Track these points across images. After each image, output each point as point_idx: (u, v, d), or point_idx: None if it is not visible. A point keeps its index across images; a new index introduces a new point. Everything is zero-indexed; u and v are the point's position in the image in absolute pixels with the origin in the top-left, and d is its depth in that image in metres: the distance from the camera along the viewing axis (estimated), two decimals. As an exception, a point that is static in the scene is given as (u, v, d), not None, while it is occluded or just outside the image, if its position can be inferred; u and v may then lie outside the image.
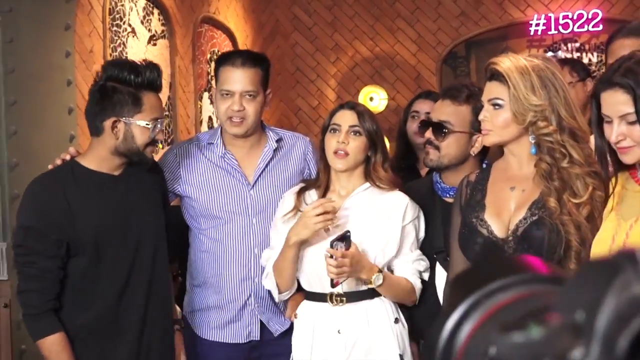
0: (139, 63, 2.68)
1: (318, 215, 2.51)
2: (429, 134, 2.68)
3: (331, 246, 2.49)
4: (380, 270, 2.57)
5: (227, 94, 2.82)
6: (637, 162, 1.97)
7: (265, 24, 6.97)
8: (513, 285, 0.56)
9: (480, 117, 2.29)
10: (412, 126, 3.67)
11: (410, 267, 2.66)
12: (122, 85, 2.53)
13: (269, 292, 2.79)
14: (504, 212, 2.26)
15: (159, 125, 2.58)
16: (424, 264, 2.68)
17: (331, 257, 2.47)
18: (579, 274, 0.49)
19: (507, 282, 0.56)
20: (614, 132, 1.92)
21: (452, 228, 2.42)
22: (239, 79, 2.81)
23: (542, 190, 2.18)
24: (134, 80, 2.53)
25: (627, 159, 1.95)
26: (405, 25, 6.87)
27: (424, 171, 3.60)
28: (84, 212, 2.55)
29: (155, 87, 2.61)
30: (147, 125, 2.54)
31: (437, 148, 2.65)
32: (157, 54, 5.20)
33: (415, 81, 6.82)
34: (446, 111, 2.66)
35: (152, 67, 2.61)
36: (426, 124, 2.76)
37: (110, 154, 2.58)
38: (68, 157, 2.66)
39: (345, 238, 2.51)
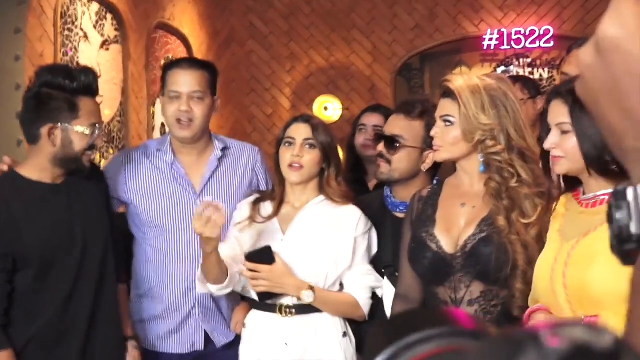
0: (73, 68, 2.63)
1: (206, 224, 2.44)
2: (381, 147, 2.70)
3: (247, 259, 2.52)
4: (311, 288, 2.57)
5: (174, 95, 2.83)
6: (569, 173, 2.01)
7: (221, 31, 6.93)
8: (433, 339, 0.56)
9: (432, 132, 2.32)
10: (360, 139, 3.69)
11: (360, 281, 2.66)
12: (57, 91, 2.49)
13: (214, 300, 2.79)
14: (454, 227, 2.28)
15: (96, 131, 2.55)
16: (374, 278, 2.68)
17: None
18: (484, 346, 0.49)
19: (428, 335, 0.56)
20: (549, 139, 1.97)
21: (402, 242, 2.43)
22: (186, 80, 2.83)
23: (492, 209, 2.20)
24: (69, 86, 2.49)
25: (557, 169, 2.00)
26: (360, 36, 6.90)
27: (372, 184, 3.61)
28: (29, 225, 2.50)
29: (92, 92, 2.58)
30: (85, 132, 2.51)
31: (389, 161, 2.67)
32: (110, 59, 5.14)
33: (369, 92, 6.84)
34: (399, 125, 2.68)
35: (87, 72, 2.58)
36: (379, 137, 2.77)
37: (49, 163, 2.53)
38: (5, 168, 2.60)
39: (263, 252, 2.54)
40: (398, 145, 2.64)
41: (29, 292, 2.51)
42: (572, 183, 2.04)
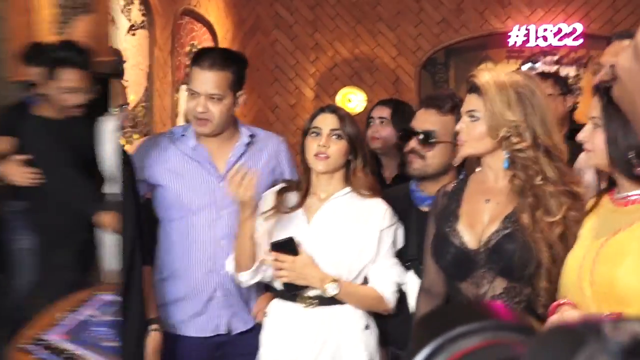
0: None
1: (238, 188, 2.53)
2: (413, 143, 2.68)
3: (271, 248, 2.56)
4: (335, 281, 2.58)
5: (193, 93, 2.83)
6: (598, 168, 2.02)
7: (246, 19, 6.95)
8: (478, 332, 0.56)
9: (457, 127, 2.30)
10: (368, 132, 3.72)
11: (385, 274, 2.66)
12: None
13: (235, 285, 2.82)
14: (478, 223, 2.27)
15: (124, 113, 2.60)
16: (399, 272, 2.67)
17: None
18: (544, 339, 0.49)
19: (472, 328, 0.56)
20: (581, 132, 1.98)
21: (426, 237, 2.43)
22: (204, 81, 2.80)
23: (516, 206, 2.19)
24: None
25: (587, 162, 2.01)
26: (386, 29, 6.88)
27: (387, 176, 3.63)
28: None
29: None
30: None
31: (422, 157, 2.66)
32: (136, 44, 5.16)
33: (393, 85, 6.84)
34: (431, 120, 2.67)
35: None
36: (409, 133, 2.75)
37: None
38: None
39: (287, 243, 2.57)
40: (433, 140, 2.64)
41: None
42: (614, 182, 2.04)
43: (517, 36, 6.64)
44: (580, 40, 6.56)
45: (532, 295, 2.16)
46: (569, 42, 6.56)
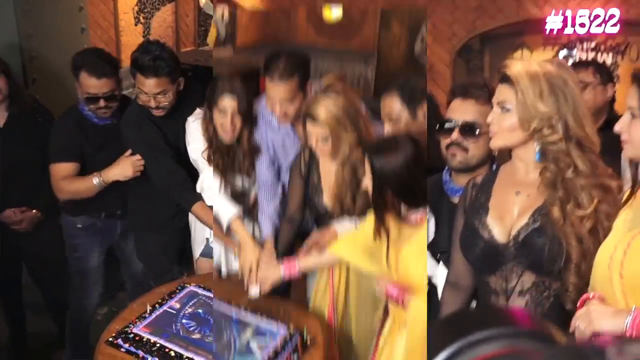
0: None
1: None
2: (455, 135, 2.63)
3: None
4: None
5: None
6: (634, 160, 1.97)
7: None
8: (496, 338, 0.55)
9: (488, 119, 2.26)
10: None
11: None
12: None
13: None
14: (507, 216, 2.24)
15: None
16: (428, 264, 2.65)
17: None
18: (550, 357, 0.49)
19: (491, 335, 0.56)
20: (619, 122, 1.93)
21: (454, 229, 2.40)
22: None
23: (546, 199, 2.16)
24: None
25: (623, 153, 1.96)
26: (421, 15, 6.82)
27: None
28: None
29: None
30: None
31: (465, 149, 2.62)
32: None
33: (428, 72, 6.77)
34: (471, 111, 2.62)
35: None
36: (445, 124, 2.68)
37: None
38: None
39: None
40: (478, 132, 2.60)
41: None
42: None
43: (555, 22, 6.53)
44: (618, 27, 6.42)
45: (561, 290, 2.13)
46: (607, 28, 6.43)
